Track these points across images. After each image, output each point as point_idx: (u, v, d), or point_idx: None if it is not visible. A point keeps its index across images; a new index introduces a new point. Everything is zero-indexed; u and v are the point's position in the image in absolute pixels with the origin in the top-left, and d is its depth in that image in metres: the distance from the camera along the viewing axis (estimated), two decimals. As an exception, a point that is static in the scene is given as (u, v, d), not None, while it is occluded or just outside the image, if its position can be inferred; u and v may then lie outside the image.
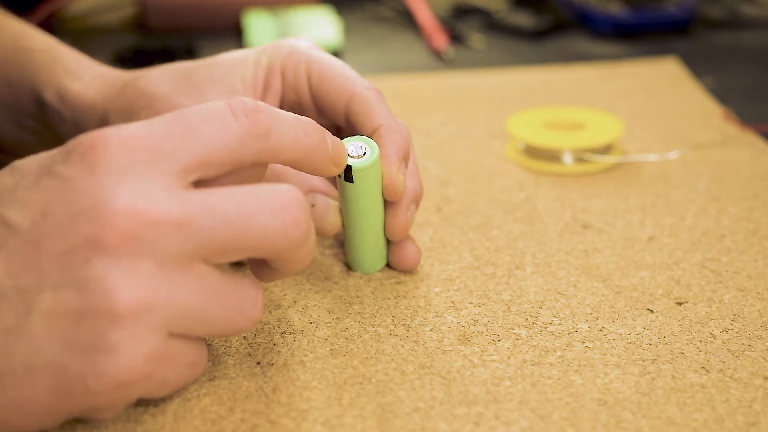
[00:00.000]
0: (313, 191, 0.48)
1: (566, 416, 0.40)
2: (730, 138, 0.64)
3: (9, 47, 0.56)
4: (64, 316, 0.34)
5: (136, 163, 0.36)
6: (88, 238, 0.34)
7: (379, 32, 0.89)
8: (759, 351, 0.44)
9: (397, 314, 0.47)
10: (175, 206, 0.35)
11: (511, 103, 0.71)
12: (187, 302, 0.36)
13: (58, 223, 0.35)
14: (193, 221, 0.35)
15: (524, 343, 0.45)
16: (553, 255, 0.52)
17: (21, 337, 0.34)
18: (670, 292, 0.48)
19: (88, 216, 0.34)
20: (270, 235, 0.36)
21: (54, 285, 0.34)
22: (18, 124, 0.56)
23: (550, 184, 0.59)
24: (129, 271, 0.34)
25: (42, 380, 0.35)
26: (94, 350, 0.34)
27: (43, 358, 0.34)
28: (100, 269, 0.34)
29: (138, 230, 0.34)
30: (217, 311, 0.37)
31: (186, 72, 0.51)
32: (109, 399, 0.35)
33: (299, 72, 0.50)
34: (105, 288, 0.34)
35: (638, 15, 0.85)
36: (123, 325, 0.34)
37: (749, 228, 0.54)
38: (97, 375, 0.34)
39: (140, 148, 0.36)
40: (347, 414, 0.41)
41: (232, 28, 0.88)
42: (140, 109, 0.50)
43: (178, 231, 0.35)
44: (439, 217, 0.56)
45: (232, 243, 0.36)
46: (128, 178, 0.35)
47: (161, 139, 0.36)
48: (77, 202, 0.35)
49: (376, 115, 0.48)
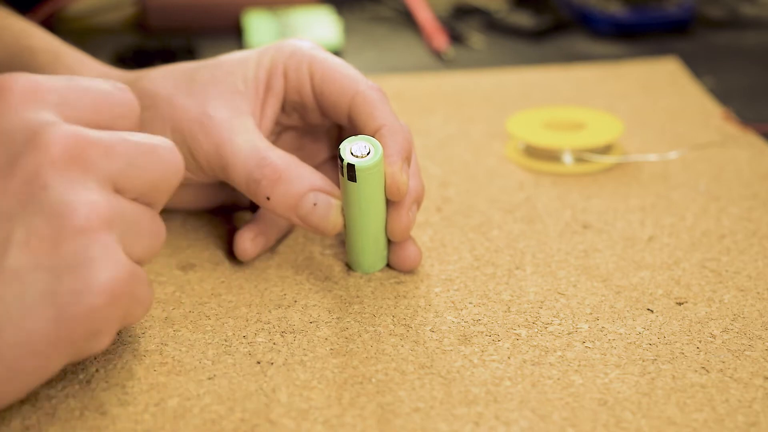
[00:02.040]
0: (315, 190, 0.48)
1: (566, 416, 0.40)
2: (730, 138, 0.64)
3: (11, 46, 0.56)
4: (42, 243, 0.36)
5: (48, 101, 0.38)
6: (39, 166, 0.36)
7: (379, 32, 0.89)
8: (759, 351, 0.44)
9: (397, 314, 0.47)
10: (103, 134, 0.38)
11: (511, 103, 0.71)
12: (131, 208, 0.38)
13: (2, 163, 0.37)
14: (115, 148, 0.38)
15: (524, 343, 0.45)
16: (553, 255, 0.52)
17: (6, 278, 0.36)
18: (670, 292, 0.48)
19: (31, 145, 0.36)
20: (168, 166, 0.40)
21: (22, 220, 0.36)
22: None
23: (550, 184, 0.59)
24: (83, 188, 0.36)
25: (40, 312, 0.36)
26: (81, 267, 0.36)
27: (34, 291, 0.36)
28: (59, 191, 0.36)
29: (79, 150, 0.37)
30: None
31: (188, 72, 0.51)
32: (105, 316, 0.37)
33: (302, 72, 0.50)
34: (72, 207, 0.36)
35: (638, 15, 0.85)
36: (97, 237, 0.36)
37: (749, 228, 0.54)
38: (90, 289, 0.36)
39: (46, 90, 0.39)
40: (347, 414, 0.41)
41: (232, 28, 0.88)
42: (142, 109, 0.50)
43: (106, 154, 0.38)
44: (439, 217, 0.56)
45: (139, 168, 0.39)
46: (46, 110, 0.38)
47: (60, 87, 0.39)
48: (13, 138, 0.37)
49: (379, 114, 0.48)
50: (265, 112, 0.51)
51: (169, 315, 0.47)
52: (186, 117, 0.49)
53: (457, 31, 0.87)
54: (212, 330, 0.46)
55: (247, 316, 0.47)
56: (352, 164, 0.46)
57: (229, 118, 0.49)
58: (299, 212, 0.48)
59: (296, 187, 0.47)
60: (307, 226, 0.48)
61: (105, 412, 0.41)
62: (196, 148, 0.49)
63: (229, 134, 0.48)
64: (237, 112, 0.49)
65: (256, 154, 0.48)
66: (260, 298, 0.48)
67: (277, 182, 0.47)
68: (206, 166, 0.49)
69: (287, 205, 0.47)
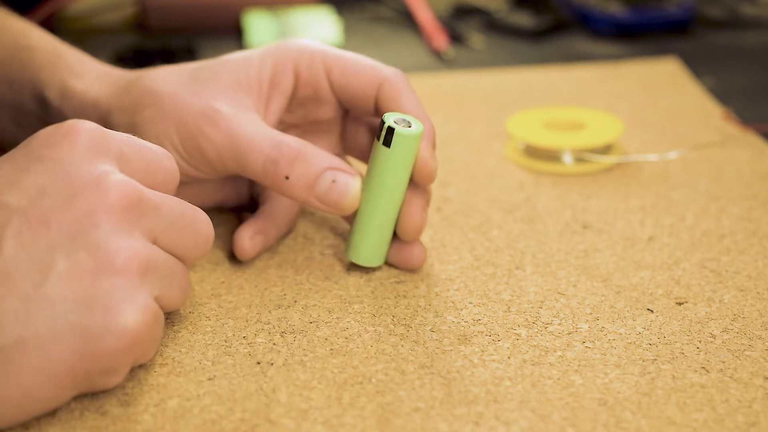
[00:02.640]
0: (333, 169, 0.48)
1: (566, 416, 0.40)
2: (730, 138, 0.64)
3: (10, 46, 0.56)
4: (82, 276, 0.38)
5: (110, 151, 0.42)
6: (95, 207, 0.39)
7: (379, 32, 0.89)
8: (759, 351, 0.44)
9: (397, 314, 0.47)
10: (154, 192, 0.41)
11: (511, 103, 0.71)
12: (166, 260, 0.41)
13: (61, 197, 0.39)
14: (163, 207, 0.41)
15: (524, 343, 0.45)
16: (553, 255, 0.52)
17: (41, 303, 0.38)
18: (670, 292, 0.48)
19: (92, 187, 0.39)
20: (202, 235, 0.43)
21: (66, 251, 0.38)
22: (18, 123, 0.56)
23: (550, 184, 0.59)
24: (129, 235, 0.39)
25: (66, 342, 0.37)
26: (112, 306, 0.38)
27: (64, 321, 0.38)
28: (108, 233, 0.39)
29: (135, 202, 0.40)
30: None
31: (191, 72, 0.51)
32: (125, 356, 0.39)
33: (316, 68, 0.50)
34: (116, 248, 0.39)
35: (638, 15, 0.85)
36: (132, 280, 0.39)
37: (749, 228, 0.54)
38: (117, 329, 0.38)
39: (110, 141, 0.42)
40: (347, 414, 0.40)
41: (232, 28, 0.88)
42: (144, 108, 0.50)
43: (155, 211, 0.41)
44: (439, 217, 0.56)
45: (178, 230, 0.42)
46: (108, 158, 0.41)
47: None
48: (76, 177, 0.40)
49: (406, 101, 0.49)
50: (269, 109, 0.51)
51: (168, 316, 0.47)
52: (191, 112, 0.49)
53: (457, 31, 0.87)
54: (212, 331, 0.46)
55: (247, 317, 0.47)
56: (393, 128, 0.46)
57: (236, 112, 0.49)
58: (318, 190, 0.47)
59: (315, 165, 0.47)
60: (324, 206, 0.48)
61: (105, 412, 0.41)
62: (205, 142, 0.49)
63: (239, 124, 0.48)
64: (242, 107, 0.49)
65: (271, 138, 0.48)
66: (260, 299, 0.48)
67: (296, 160, 0.47)
68: (216, 160, 0.49)
69: (306, 183, 0.47)
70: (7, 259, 0.38)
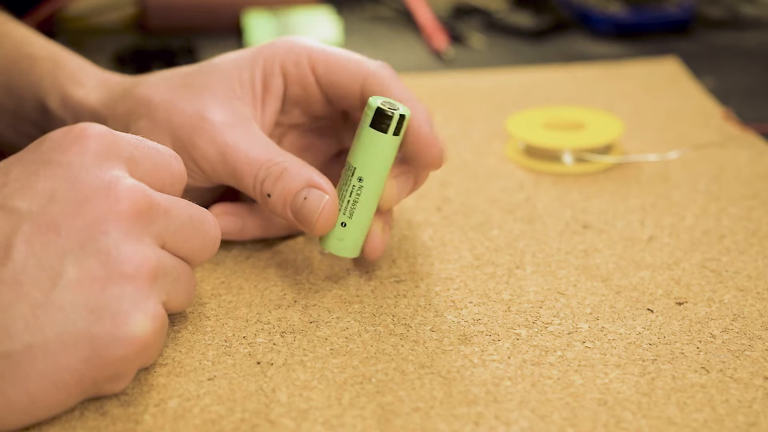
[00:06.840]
0: (310, 186, 0.47)
1: (566, 416, 0.40)
2: (730, 138, 0.64)
3: (11, 54, 0.56)
4: (91, 284, 0.38)
5: (120, 155, 0.41)
6: (106, 213, 0.39)
7: (379, 32, 0.89)
8: (759, 351, 0.44)
9: (397, 314, 0.47)
10: (163, 196, 0.41)
11: (511, 103, 0.71)
12: (174, 264, 0.41)
13: (70, 203, 0.39)
14: (172, 211, 0.41)
15: (524, 343, 0.45)
16: (553, 255, 0.52)
17: (50, 310, 0.38)
18: (670, 292, 0.48)
19: (102, 193, 0.39)
20: (209, 237, 0.43)
21: (76, 258, 0.38)
22: (18, 131, 0.56)
23: (550, 184, 0.59)
24: (139, 241, 0.39)
25: (75, 349, 0.38)
26: (121, 313, 0.38)
27: (74, 328, 0.38)
28: (118, 239, 0.39)
29: (145, 208, 0.40)
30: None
31: (184, 77, 0.51)
32: (132, 363, 0.39)
33: (302, 66, 0.50)
34: (126, 255, 0.39)
35: (638, 15, 0.85)
36: (142, 286, 0.39)
37: (749, 228, 0.54)
38: (126, 337, 0.38)
39: (120, 144, 0.42)
40: (347, 414, 0.41)
41: (232, 28, 0.88)
42: (138, 118, 0.50)
43: (164, 215, 0.41)
44: (439, 216, 0.56)
45: (186, 233, 0.42)
46: (118, 162, 0.41)
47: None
48: (86, 183, 0.39)
49: (394, 91, 0.48)
50: (264, 113, 0.51)
51: (169, 316, 0.47)
52: (185, 124, 0.49)
53: (457, 31, 0.87)
54: (212, 331, 0.46)
55: (247, 317, 0.47)
56: (382, 109, 0.46)
57: (231, 124, 0.48)
58: (293, 207, 0.47)
59: (294, 183, 0.47)
60: (299, 223, 0.47)
61: (105, 412, 0.41)
62: (199, 156, 0.48)
63: (233, 139, 0.48)
64: (237, 116, 0.49)
65: (263, 156, 0.48)
66: (260, 299, 0.48)
67: (278, 179, 0.47)
68: (211, 172, 0.49)
69: (284, 201, 0.47)
70: (17, 266, 0.38)
